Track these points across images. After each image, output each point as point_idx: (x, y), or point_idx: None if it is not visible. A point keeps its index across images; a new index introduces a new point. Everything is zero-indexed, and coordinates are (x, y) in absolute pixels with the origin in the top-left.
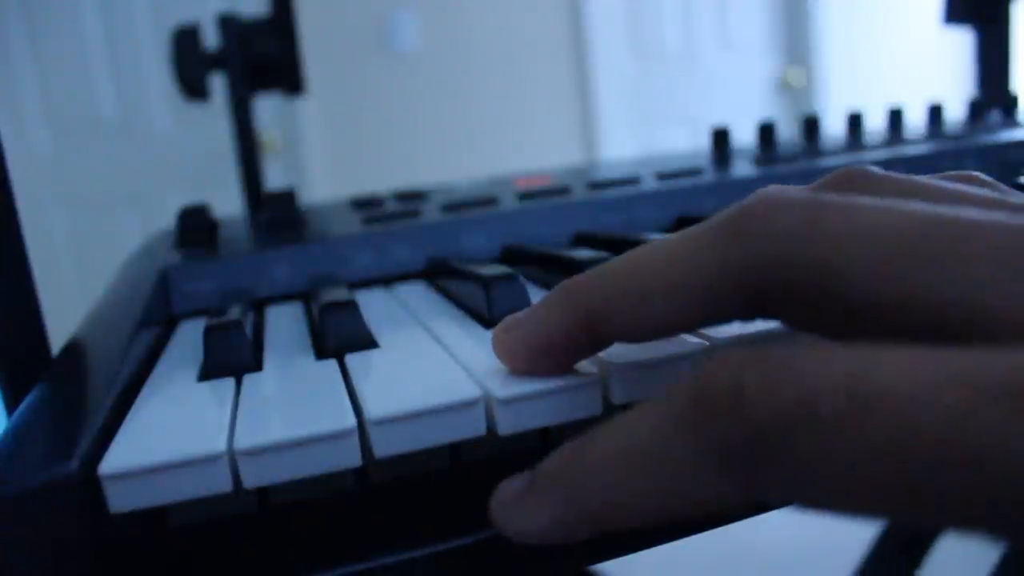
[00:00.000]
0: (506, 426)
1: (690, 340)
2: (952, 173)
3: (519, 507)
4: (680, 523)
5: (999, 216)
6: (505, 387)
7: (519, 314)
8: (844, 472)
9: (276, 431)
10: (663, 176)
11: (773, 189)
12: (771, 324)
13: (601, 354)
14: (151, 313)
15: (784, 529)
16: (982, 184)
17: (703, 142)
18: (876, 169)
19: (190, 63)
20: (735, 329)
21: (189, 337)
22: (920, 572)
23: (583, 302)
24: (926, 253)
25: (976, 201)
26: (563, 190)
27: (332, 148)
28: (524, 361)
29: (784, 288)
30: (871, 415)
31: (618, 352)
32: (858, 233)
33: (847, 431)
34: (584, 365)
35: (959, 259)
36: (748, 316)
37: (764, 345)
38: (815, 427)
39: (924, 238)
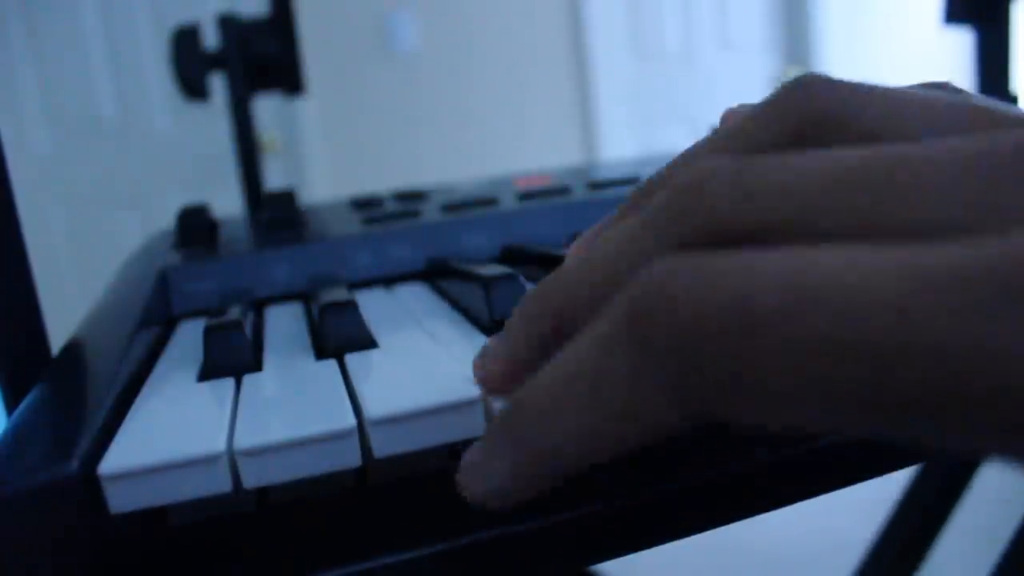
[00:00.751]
0: None
1: None
2: (923, 84)
3: (475, 469)
4: (636, 452)
5: (936, 146)
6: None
7: (494, 340)
8: (783, 374)
9: (276, 431)
10: None
11: (694, 174)
12: None
13: None
14: (151, 313)
15: (784, 529)
16: (946, 91)
17: None
18: (825, 93)
19: (190, 63)
20: None
21: (189, 337)
22: (920, 573)
23: (550, 311)
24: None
25: (936, 117)
26: (563, 190)
27: (332, 148)
28: (506, 383)
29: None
30: (809, 311)
31: None
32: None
33: (783, 329)
34: None
35: (890, 194)
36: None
37: (697, 253)
38: (749, 327)
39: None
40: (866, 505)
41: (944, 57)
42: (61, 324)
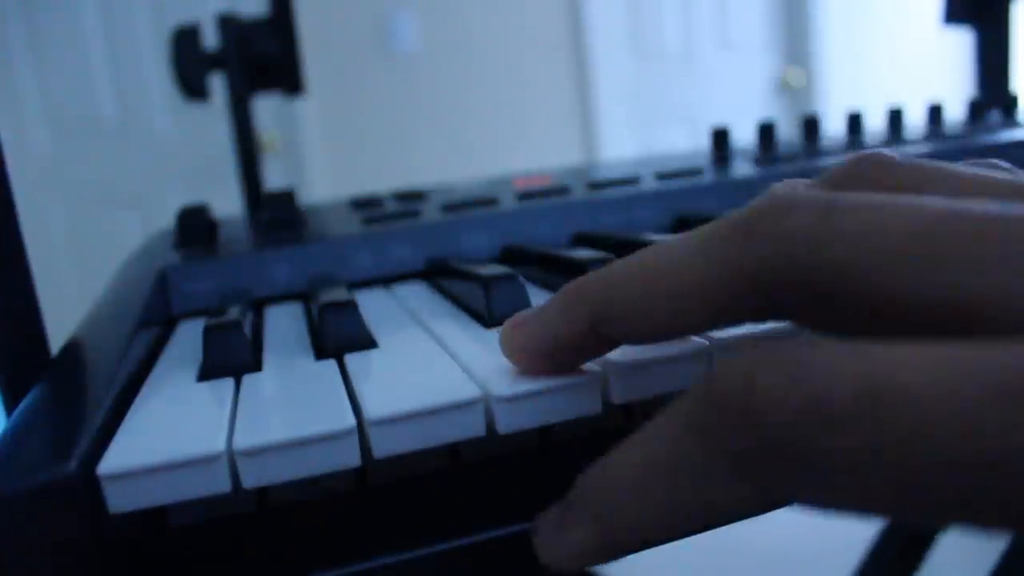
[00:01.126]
0: (505, 425)
1: (692, 339)
2: (973, 161)
3: (553, 535)
4: (706, 531)
5: (1016, 209)
6: (505, 385)
7: (527, 312)
8: (856, 473)
9: (275, 431)
10: (663, 176)
11: (783, 187)
12: (777, 324)
13: None
14: (150, 313)
15: (784, 529)
16: (1003, 170)
17: (703, 142)
18: (891, 155)
19: (190, 63)
20: (739, 329)
21: (188, 337)
22: (920, 572)
23: (590, 305)
24: (939, 250)
25: (995, 188)
26: (563, 190)
27: (332, 148)
28: (530, 361)
29: (795, 290)
30: (883, 415)
31: (618, 351)
32: (870, 232)
33: (858, 432)
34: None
35: (973, 256)
36: (758, 318)
37: (773, 345)
38: (825, 428)
39: (937, 235)
40: None
41: (944, 57)
42: (61, 324)
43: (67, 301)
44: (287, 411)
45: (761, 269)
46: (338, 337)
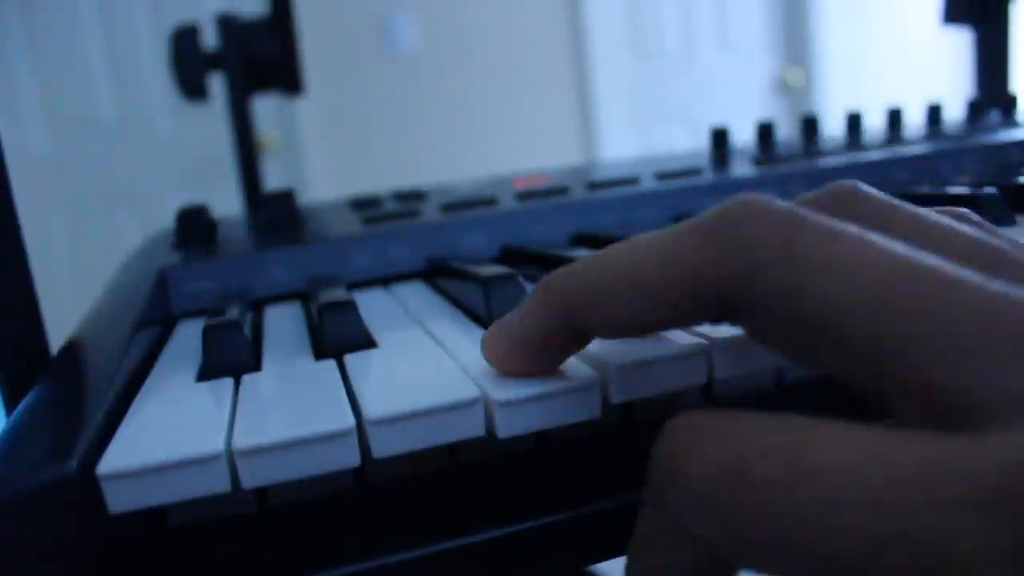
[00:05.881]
0: (505, 429)
1: (689, 339)
2: (945, 209)
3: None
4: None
5: (974, 277)
6: (504, 390)
7: (504, 317)
8: (771, 536)
9: (275, 431)
10: (662, 176)
11: (754, 196)
12: None
13: (599, 354)
14: (150, 313)
15: None
16: (971, 224)
17: (703, 142)
18: (866, 189)
19: (189, 63)
20: (737, 330)
21: (188, 337)
22: None
23: (559, 300)
24: (896, 302)
25: (961, 244)
26: (562, 190)
27: (331, 148)
28: (510, 363)
29: (752, 301)
30: (799, 490)
31: (616, 352)
32: (832, 263)
33: (773, 497)
34: (583, 368)
35: (924, 318)
36: (717, 320)
37: (706, 413)
38: (745, 488)
39: (897, 285)
40: None
41: (944, 57)
42: (61, 324)
43: (67, 301)
44: (287, 411)
45: (720, 276)
46: (338, 337)
